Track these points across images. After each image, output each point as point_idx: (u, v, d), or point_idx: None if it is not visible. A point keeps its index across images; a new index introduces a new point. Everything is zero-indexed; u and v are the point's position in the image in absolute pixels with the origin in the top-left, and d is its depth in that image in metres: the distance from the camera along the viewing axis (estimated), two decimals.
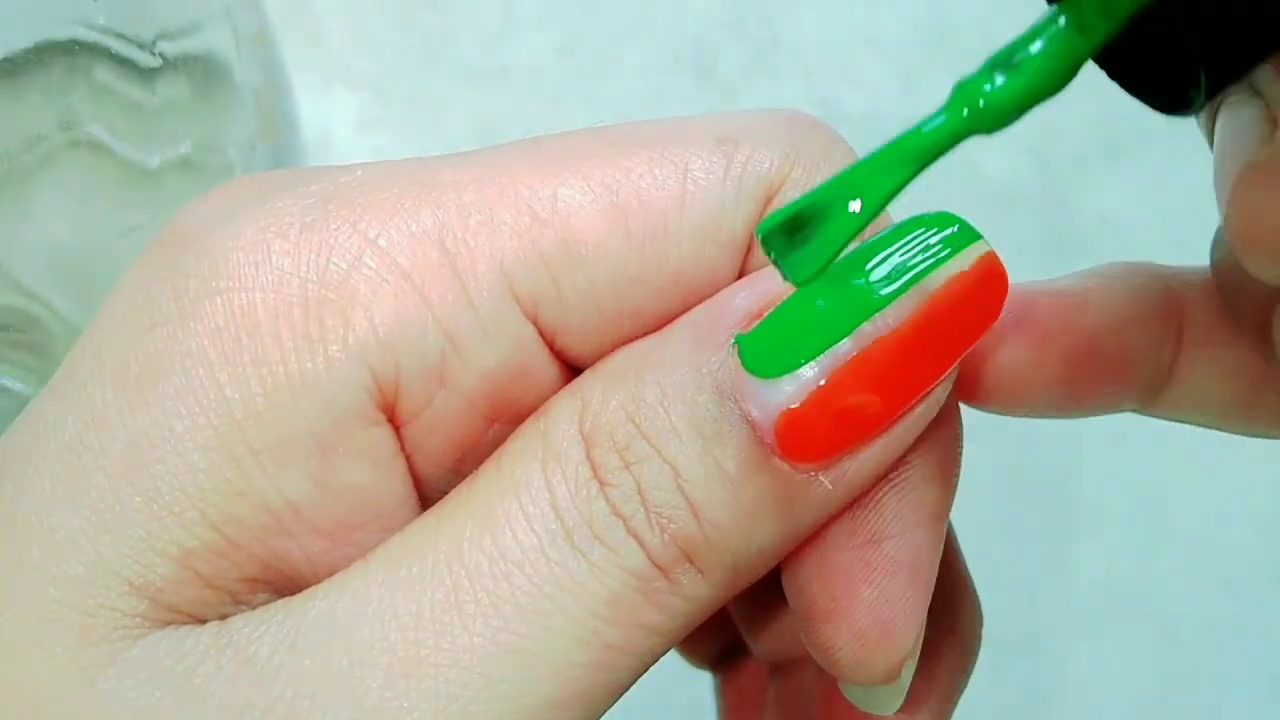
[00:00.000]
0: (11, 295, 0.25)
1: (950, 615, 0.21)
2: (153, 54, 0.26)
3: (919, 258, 0.16)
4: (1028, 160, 0.41)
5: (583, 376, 0.17)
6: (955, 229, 0.17)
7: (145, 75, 0.26)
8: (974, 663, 0.21)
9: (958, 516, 0.19)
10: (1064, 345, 0.19)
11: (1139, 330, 0.19)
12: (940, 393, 0.17)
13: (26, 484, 0.16)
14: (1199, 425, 0.20)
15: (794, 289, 0.16)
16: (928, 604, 0.17)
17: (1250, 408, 0.19)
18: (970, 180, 0.41)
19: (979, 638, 0.21)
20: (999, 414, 0.20)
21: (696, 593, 0.16)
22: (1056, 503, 0.40)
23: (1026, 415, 0.20)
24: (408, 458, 0.17)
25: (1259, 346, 0.18)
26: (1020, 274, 0.18)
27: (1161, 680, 0.40)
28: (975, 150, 0.17)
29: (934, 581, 0.18)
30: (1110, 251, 0.41)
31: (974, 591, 0.21)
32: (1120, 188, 0.42)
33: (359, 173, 0.17)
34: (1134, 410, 0.21)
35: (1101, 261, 0.21)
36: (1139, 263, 0.20)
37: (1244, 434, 0.20)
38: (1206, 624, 0.40)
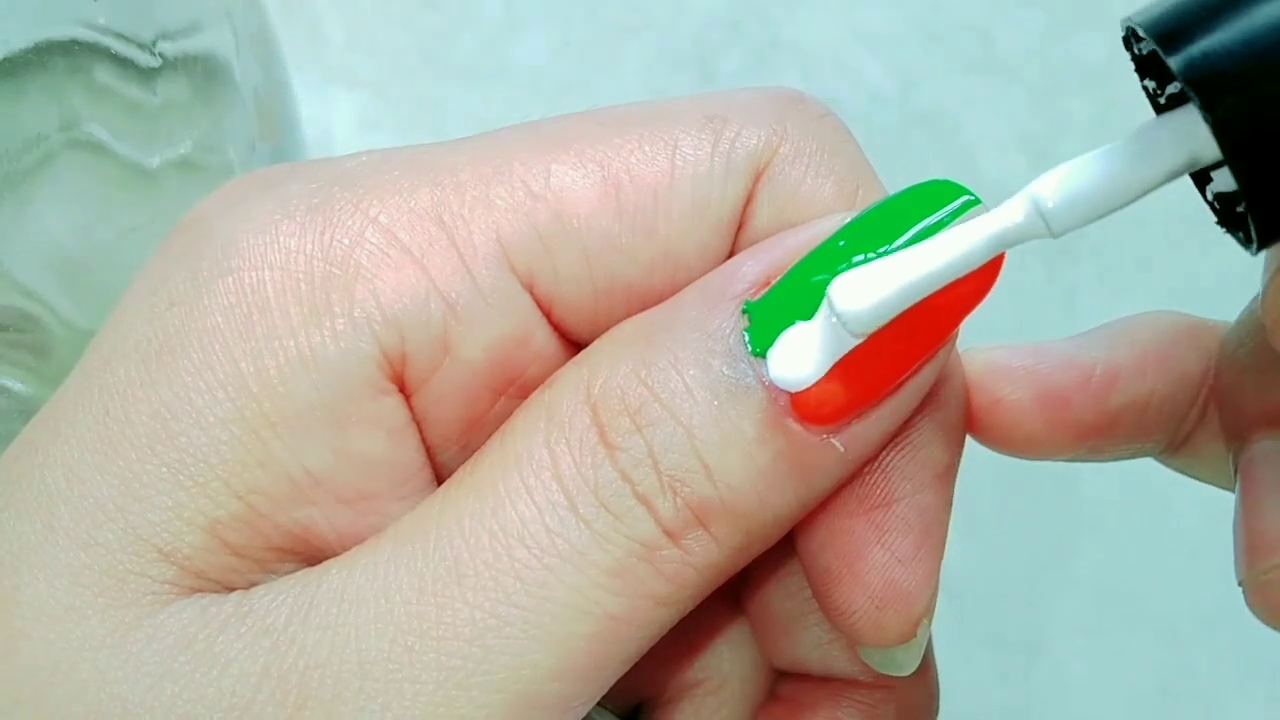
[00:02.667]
0: (11, 295, 0.25)
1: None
2: (153, 54, 0.26)
3: (923, 222, 0.17)
4: (1028, 160, 0.41)
5: (589, 349, 0.17)
6: (955, 194, 0.17)
7: (145, 75, 0.26)
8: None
9: (958, 516, 0.19)
10: (1085, 422, 0.20)
11: (1168, 398, 0.20)
12: (943, 354, 0.17)
13: (57, 454, 0.16)
14: (1209, 483, 0.21)
15: (803, 255, 0.16)
16: (940, 562, 0.18)
17: None
18: (969, 180, 0.41)
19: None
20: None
21: (707, 560, 0.16)
22: (1056, 503, 0.40)
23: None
24: (419, 428, 0.17)
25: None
26: (1020, 274, 0.19)
27: (1161, 680, 0.40)
28: (975, 150, 0.17)
29: (945, 540, 0.18)
30: (1110, 251, 0.41)
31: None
32: None
33: (363, 159, 0.17)
34: (1154, 457, 0.21)
35: (1101, 262, 0.21)
36: (1172, 315, 0.21)
37: None
38: (1206, 624, 0.40)
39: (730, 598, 0.21)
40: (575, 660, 0.16)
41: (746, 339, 0.16)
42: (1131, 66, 0.16)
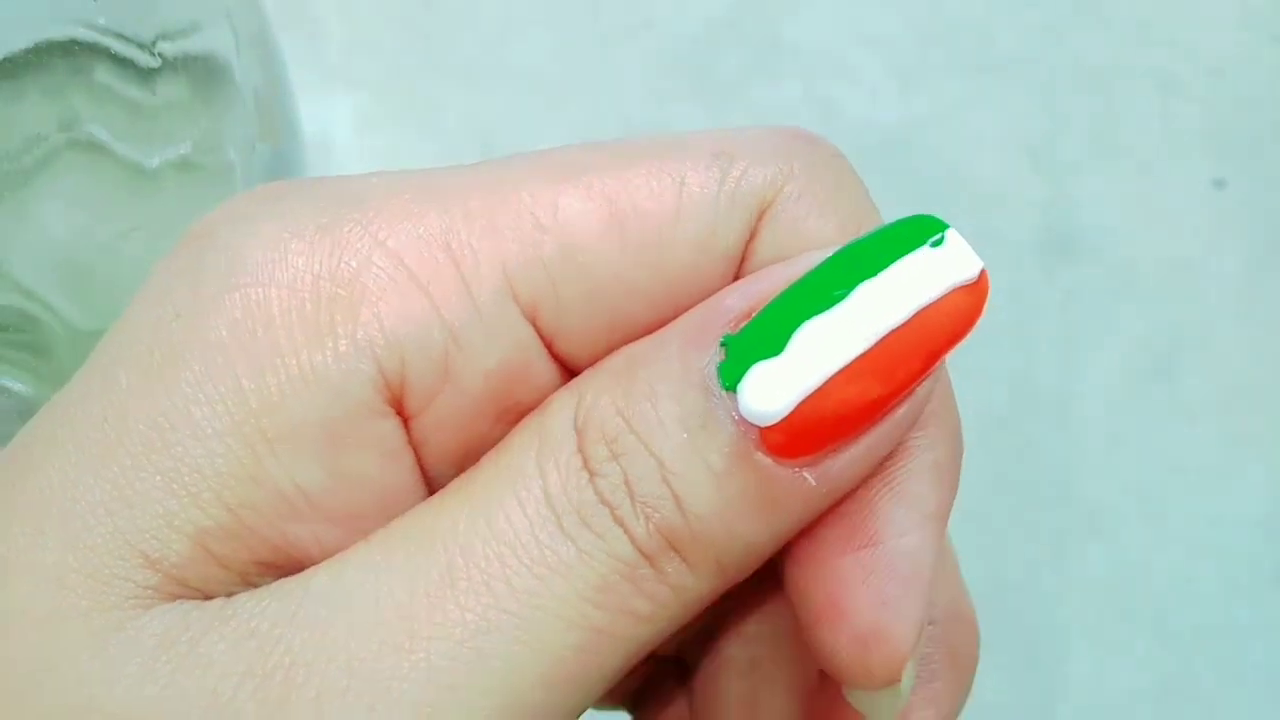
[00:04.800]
0: (11, 295, 0.25)
1: (947, 632, 0.21)
2: (153, 54, 0.26)
3: (903, 256, 0.17)
4: (1027, 160, 0.41)
5: (582, 375, 0.17)
6: (935, 229, 0.17)
7: (145, 75, 0.26)
8: (971, 680, 0.21)
9: (957, 516, 0.19)
10: None
11: None
12: (923, 392, 0.17)
13: (52, 458, 0.16)
14: None
15: (783, 289, 0.17)
16: (927, 606, 0.18)
17: None
18: (969, 180, 0.41)
19: (975, 657, 0.21)
20: None
21: (683, 583, 0.17)
22: (1056, 503, 0.41)
23: None
24: (415, 451, 0.17)
25: None
26: (1018, 274, 0.19)
27: (1161, 680, 0.40)
28: (974, 150, 0.18)
29: (933, 583, 0.18)
30: (1108, 252, 0.41)
31: (971, 609, 0.21)
32: (1119, 188, 0.42)
33: (373, 180, 0.18)
34: None
35: (1100, 261, 0.21)
36: None
37: None
38: (1206, 624, 0.40)
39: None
40: (562, 669, 0.16)
41: (719, 372, 0.16)
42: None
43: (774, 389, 0.16)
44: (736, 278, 0.18)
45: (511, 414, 0.18)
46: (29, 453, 0.17)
